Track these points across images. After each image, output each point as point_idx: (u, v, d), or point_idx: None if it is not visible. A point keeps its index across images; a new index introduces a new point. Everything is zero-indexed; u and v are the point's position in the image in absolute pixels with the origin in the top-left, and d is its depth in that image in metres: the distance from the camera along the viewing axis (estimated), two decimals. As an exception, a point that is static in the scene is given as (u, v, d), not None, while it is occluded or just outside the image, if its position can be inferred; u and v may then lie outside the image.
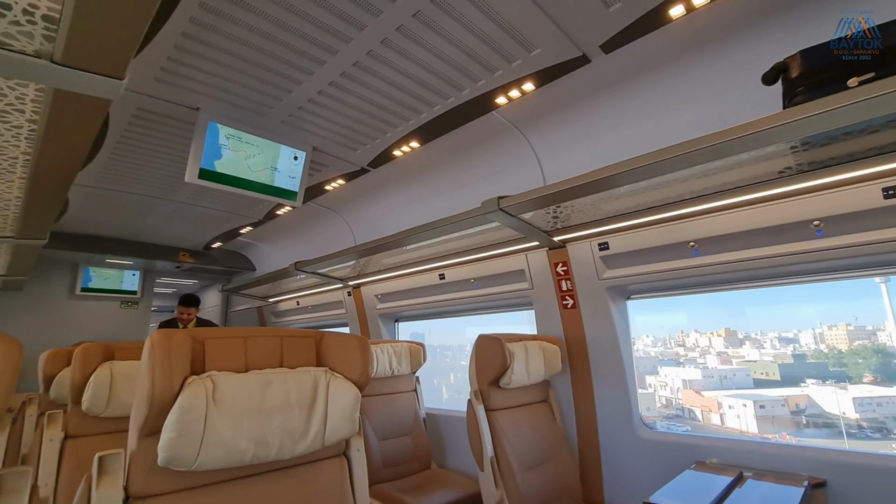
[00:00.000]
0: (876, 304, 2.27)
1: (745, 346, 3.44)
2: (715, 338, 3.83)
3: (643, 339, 3.99)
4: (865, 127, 1.52)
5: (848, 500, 1.81)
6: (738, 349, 3.33)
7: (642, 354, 3.54)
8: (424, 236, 2.71)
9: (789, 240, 1.99)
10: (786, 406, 2.68)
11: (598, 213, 2.34)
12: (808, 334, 3.25)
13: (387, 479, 2.92)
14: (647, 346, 3.90)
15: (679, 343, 4.00)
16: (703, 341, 3.87)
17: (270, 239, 4.93)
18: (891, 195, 1.73)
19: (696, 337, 3.94)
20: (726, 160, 1.70)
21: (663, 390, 3.33)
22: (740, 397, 2.84)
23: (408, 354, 3.31)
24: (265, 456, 1.17)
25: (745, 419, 2.76)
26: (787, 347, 3.16)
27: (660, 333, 4.14)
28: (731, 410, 2.88)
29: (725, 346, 3.64)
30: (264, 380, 1.21)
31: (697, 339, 3.91)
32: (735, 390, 2.94)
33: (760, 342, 3.28)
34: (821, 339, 3.21)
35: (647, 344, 4.00)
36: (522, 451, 2.28)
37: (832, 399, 2.51)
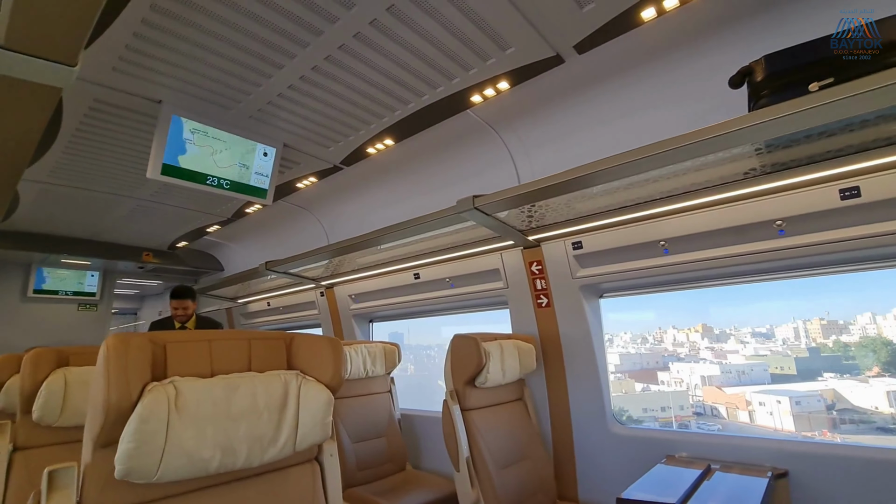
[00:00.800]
0: (842, 299, 2.35)
1: (730, 341, 3.47)
2: (692, 333, 3.93)
3: (622, 336, 4.05)
4: (824, 131, 1.59)
5: (808, 487, 1.89)
6: (722, 344, 3.35)
7: (645, 351, 3.55)
8: (399, 235, 2.67)
9: (753, 239, 2.06)
10: (822, 401, 2.50)
11: (571, 212, 2.36)
12: (785, 329, 3.30)
13: (361, 481, 2.88)
14: (626, 342, 3.94)
15: (658, 340, 4.09)
16: (680, 337, 3.96)
17: (240, 238, 4.78)
18: (847, 196, 1.80)
19: (674, 333, 4.03)
20: (695, 161, 1.74)
21: (679, 387, 3.25)
22: (772, 393, 2.66)
23: (382, 355, 3.26)
24: (232, 464, 1.12)
25: (778, 416, 2.58)
26: (767, 343, 3.20)
27: (636, 330, 4.20)
28: (761, 407, 2.72)
29: (712, 342, 3.70)
30: (231, 384, 1.15)
31: (675, 336, 4.00)
32: (759, 386, 2.79)
33: (739, 337, 3.33)
34: (802, 333, 3.25)
35: (626, 341, 4.05)
36: (498, 450, 2.28)
37: (857, 393, 2.36)
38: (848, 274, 2.08)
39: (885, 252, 1.86)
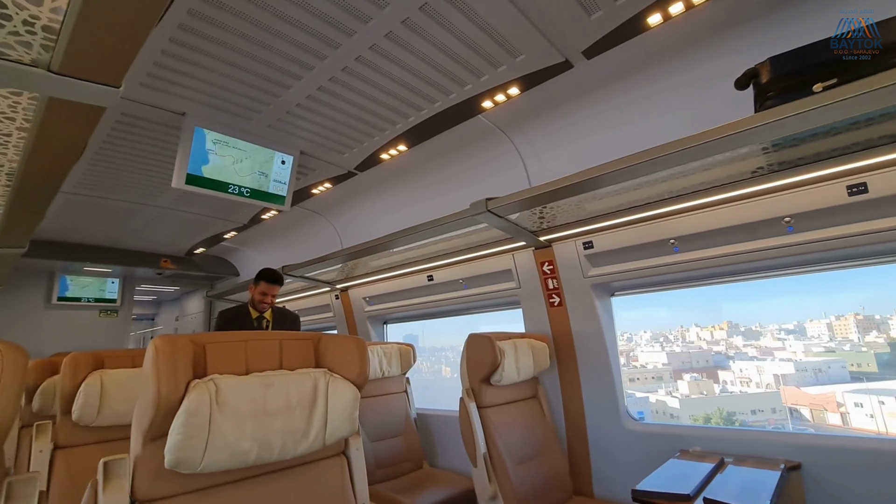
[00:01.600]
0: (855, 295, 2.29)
1: (764, 338, 3.34)
2: (717, 331, 3.90)
3: (642, 335, 4.03)
4: (829, 129, 1.63)
5: (822, 479, 1.92)
6: (759, 342, 3.21)
7: (694, 349, 3.45)
8: (412, 238, 2.74)
9: (762, 236, 2.09)
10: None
11: (582, 213, 2.42)
12: (816, 325, 3.16)
13: (380, 479, 2.95)
14: (669, 341, 3.89)
15: (677, 337, 4.08)
16: (704, 335, 3.95)
17: (255, 244, 4.89)
18: (854, 192, 1.84)
19: (697, 331, 4.01)
20: (703, 161, 1.78)
21: (747, 387, 3.02)
22: (872, 392, 2.40)
23: (398, 356, 3.34)
24: (268, 457, 1.19)
25: (881, 418, 2.35)
26: (803, 339, 3.07)
27: (656, 328, 4.19)
28: (858, 409, 2.48)
29: (748, 340, 3.61)
30: (266, 382, 1.23)
31: (699, 333, 3.98)
32: (845, 385, 2.55)
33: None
34: (831, 329, 3.11)
35: (647, 339, 4.02)
36: (514, 446, 2.33)
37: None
38: (861, 269, 2.10)
39: (893, 247, 1.89)
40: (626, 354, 3.90)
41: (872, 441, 1.90)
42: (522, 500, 2.18)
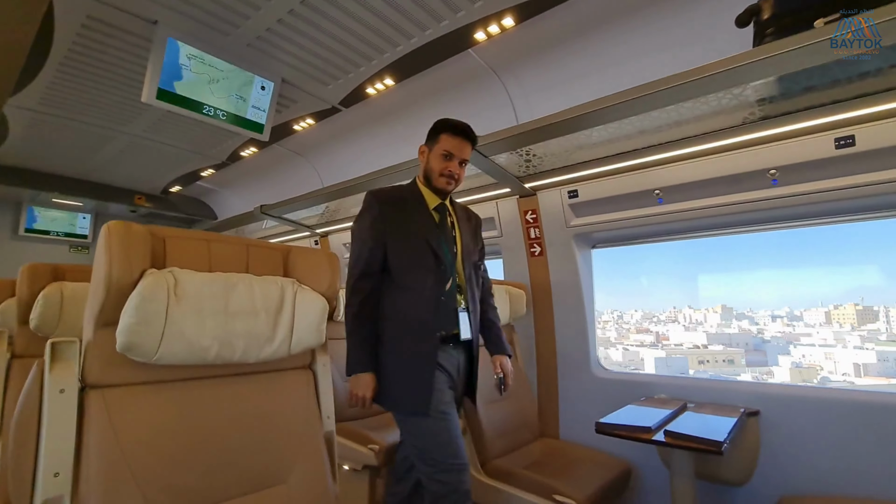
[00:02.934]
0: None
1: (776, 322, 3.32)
2: (710, 314, 3.94)
3: (632, 314, 4.06)
4: (821, 83, 1.60)
5: (777, 423, 1.99)
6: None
7: (731, 331, 3.36)
8: (394, 178, 2.67)
9: (747, 188, 2.09)
10: None
11: (568, 159, 2.37)
12: (815, 313, 3.14)
13: (351, 418, 2.97)
14: (637, 320, 3.91)
15: (672, 319, 4.12)
16: (698, 317, 3.99)
17: (233, 185, 4.74)
18: (842, 145, 1.83)
19: (690, 313, 4.05)
20: (696, 103, 1.75)
21: (842, 376, 2.75)
22: None
23: (375, 300, 3.31)
24: (229, 356, 1.16)
25: None
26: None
27: (647, 308, 4.22)
28: None
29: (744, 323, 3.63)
30: (229, 282, 1.18)
31: (692, 315, 4.02)
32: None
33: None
34: (828, 318, 3.12)
35: (638, 318, 4.04)
36: (484, 386, 2.34)
37: None
38: (840, 226, 2.12)
39: (878, 202, 1.90)
40: (655, 334, 3.93)
41: (823, 391, 1.98)
42: (489, 437, 2.22)
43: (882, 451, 1.78)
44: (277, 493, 1.20)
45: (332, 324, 3.18)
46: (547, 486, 1.88)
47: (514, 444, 2.37)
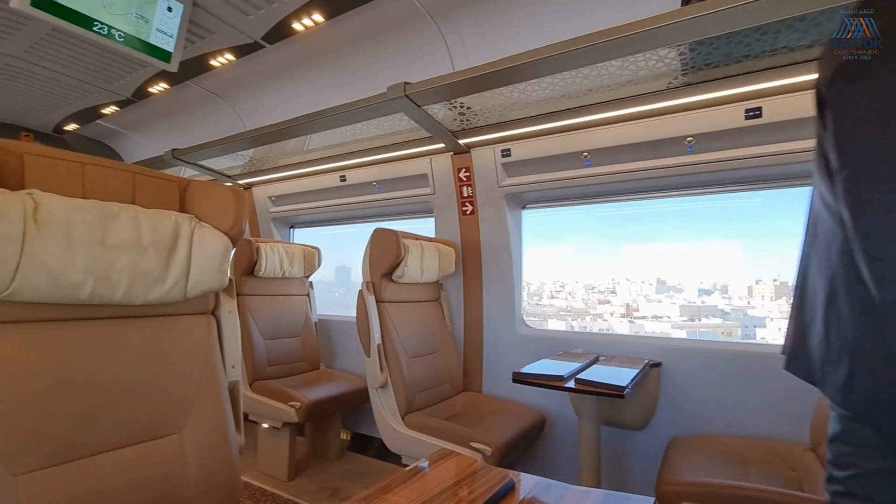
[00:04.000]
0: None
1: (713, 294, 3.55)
2: (646, 286, 4.12)
3: (574, 284, 4.15)
4: (742, 53, 1.67)
5: (675, 372, 2.18)
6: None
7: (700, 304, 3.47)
8: (324, 124, 2.51)
9: (666, 154, 2.18)
10: None
11: (502, 116, 2.34)
12: (740, 288, 3.44)
13: (272, 376, 2.87)
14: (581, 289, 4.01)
15: (612, 291, 4.26)
16: (634, 288, 4.16)
17: (142, 127, 4.24)
18: (750, 116, 1.94)
19: (629, 285, 4.21)
20: (625, 62, 1.76)
21: None
22: None
23: (301, 257, 3.17)
24: (109, 296, 1.03)
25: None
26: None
27: (586, 279, 4.36)
28: None
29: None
30: (109, 211, 1.03)
31: (630, 288, 4.18)
32: None
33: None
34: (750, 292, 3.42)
35: (581, 288, 4.15)
36: (409, 341, 2.35)
37: None
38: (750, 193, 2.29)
39: (783, 171, 2.05)
40: (625, 305, 4.01)
41: (715, 343, 2.21)
42: (411, 390, 2.23)
43: (758, 396, 2.00)
44: (169, 443, 1.11)
45: (253, 279, 3.02)
46: (464, 434, 1.92)
47: (436, 397, 2.40)
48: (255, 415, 2.69)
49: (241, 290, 2.89)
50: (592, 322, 3.60)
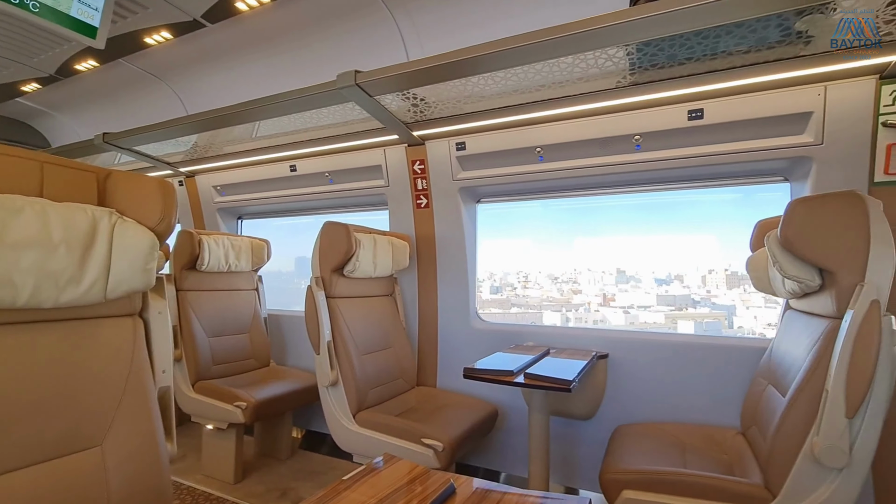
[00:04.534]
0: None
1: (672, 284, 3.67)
2: (606, 276, 4.21)
3: (537, 274, 4.18)
4: (685, 56, 1.72)
5: (621, 363, 2.26)
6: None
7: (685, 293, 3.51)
8: (272, 110, 2.39)
9: (615, 151, 2.23)
10: None
11: (457, 108, 2.32)
12: (694, 277, 3.60)
13: (217, 375, 2.74)
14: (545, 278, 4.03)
15: (575, 281, 4.33)
16: (595, 278, 4.24)
17: (71, 108, 3.90)
18: (693, 117, 2.02)
19: (590, 275, 4.29)
20: (575, 59, 1.77)
21: None
22: None
23: (249, 250, 3.03)
24: (11, 300, 0.92)
25: None
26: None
27: (548, 270, 4.42)
28: None
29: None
30: (11, 205, 0.93)
31: (591, 278, 4.26)
32: None
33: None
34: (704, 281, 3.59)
35: (545, 277, 4.19)
36: (361, 337, 2.30)
37: None
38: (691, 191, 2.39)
39: (723, 171, 2.15)
40: (602, 295, 4.05)
41: (658, 335, 2.29)
42: (363, 387, 2.19)
43: (696, 384, 2.11)
44: (87, 457, 1.02)
45: (196, 273, 2.87)
46: (416, 431, 1.91)
47: (389, 393, 2.38)
48: (198, 416, 2.56)
49: (182, 285, 2.73)
50: (586, 314, 3.69)
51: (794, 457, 1.31)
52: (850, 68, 1.73)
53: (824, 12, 1.45)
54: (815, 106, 1.84)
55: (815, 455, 1.25)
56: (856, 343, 1.20)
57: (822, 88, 1.82)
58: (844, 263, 1.29)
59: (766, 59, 1.75)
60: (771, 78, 1.82)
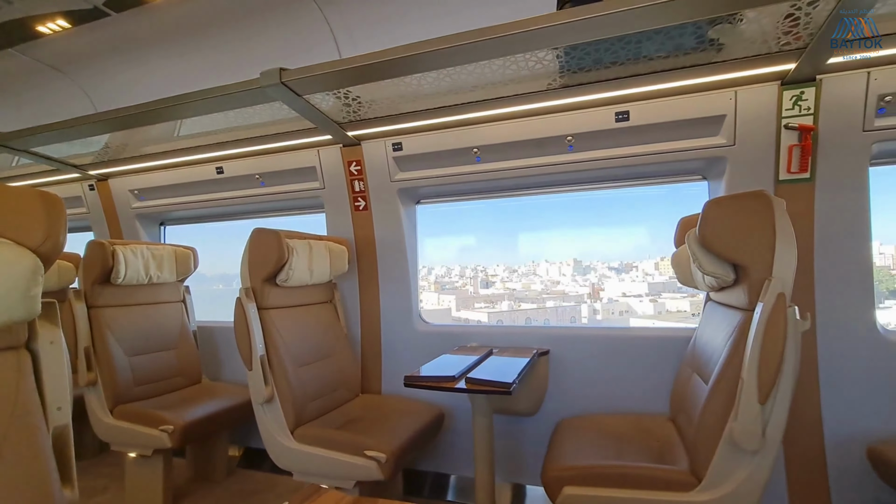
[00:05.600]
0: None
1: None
2: (564, 266, 4.28)
3: (496, 268, 4.20)
4: (611, 59, 1.77)
5: (562, 359, 2.32)
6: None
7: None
8: (193, 109, 2.21)
9: (549, 152, 2.27)
10: None
11: (392, 108, 2.26)
12: (647, 264, 3.76)
13: (141, 397, 2.52)
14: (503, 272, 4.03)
15: (532, 272, 4.36)
16: (553, 270, 4.30)
17: (-46, 103, 3.41)
18: (620, 119, 2.09)
19: (547, 266, 4.34)
20: (506, 61, 1.77)
21: None
22: None
23: (172, 260, 2.81)
24: None
25: None
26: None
27: (509, 262, 4.43)
28: None
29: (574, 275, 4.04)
30: None
31: (548, 269, 4.31)
32: None
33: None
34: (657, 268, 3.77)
35: (502, 271, 4.21)
36: (298, 349, 2.20)
37: None
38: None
39: (649, 170, 2.25)
40: (591, 286, 4.08)
41: (598, 330, 2.36)
42: (301, 401, 2.09)
43: (630, 374, 2.21)
44: (-42, 519, 0.88)
45: (111, 288, 2.62)
46: (358, 443, 1.85)
47: (331, 404, 2.29)
48: (119, 444, 2.34)
49: (94, 301, 2.47)
50: (611, 304, 3.74)
51: (716, 442, 1.38)
52: (755, 74, 1.85)
53: (732, 22, 1.54)
54: (727, 109, 1.96)
55: (733, 439, 1.33)
56: (766, 334, 1.29)
57: (733, 93, 1.94)
58: (754, 260, 1.38)
59: (684, 65, 1.84)
60: (688, 82, 1.92)
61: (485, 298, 4.25)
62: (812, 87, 1.83)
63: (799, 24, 1.55)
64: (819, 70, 1.80)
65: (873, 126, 1.81)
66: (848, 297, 1.90)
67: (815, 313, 1.93)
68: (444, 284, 4.40)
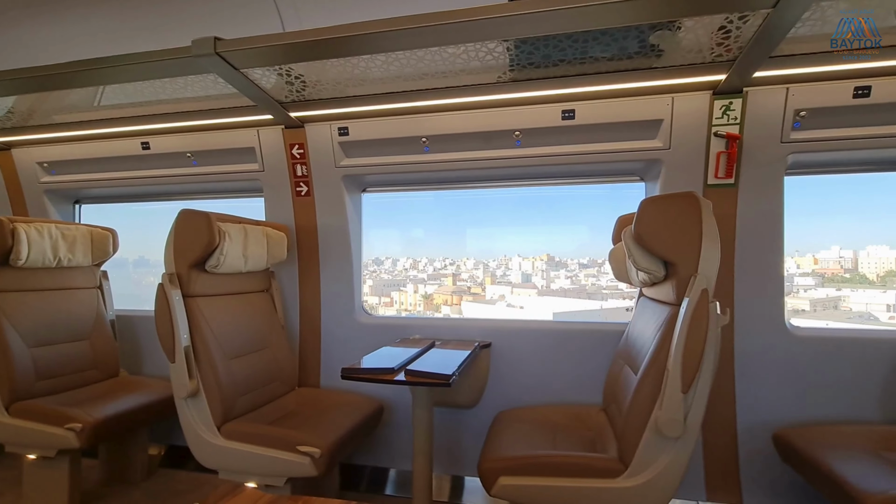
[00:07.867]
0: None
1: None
2: (538, 261, 4.27)
3: (465, 261, 4.17)
4: (559, 57, 1.79)
5: (504, 350, 2.35)
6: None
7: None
8: (114, 75, 2.01)
9: (498, 146, 2.28)
10: None
11: (339, 91, 2.17)
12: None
13: (44, 392, 2.27)
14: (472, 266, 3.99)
15: (506, 266, 4.32)
16: (526, 265, 4.28)
17: None
18: (566, 117, 2.13)
19: (520, 261, 4.32)
20: (457, 49, 1.75)
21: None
22: None
23: (87, 241, 2.55)
24: None
25: None
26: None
27: (479, 256, 4.39)
28: None
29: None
30: None
31: (521, 264, 4.29)
32: None
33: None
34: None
35: (471, 265, 4.16)
36: (228, 339, 2.07)
37: None
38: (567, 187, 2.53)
39: (592, 169, 2.31)
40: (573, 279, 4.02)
41: (537, 322, 2.41)
42: (230, 395, 1.97)
43: (566, 366, 2.27)
44: None
45: (10, 271, 2.35)
46: (290, 438, 1.77)
47: (264, 398, 2.18)
48: (14, 445, 2.10)
49: (-12, 285, 2.19)
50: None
51: (642, 430, 1.45)
52: (691, 83, 1.95)
53: (671, 29, 1.61)
54: (664, 114, 2.05)
55: (658, 427, 1.40)
56: (690, 327, 1.36)
57: (670, 99, 2.04)
58: (683, 257, 1.45)
59: (627, 68, 1.90)
60: (631, 85, 1.99)
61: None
62: (739, 98, 1.96)
63: (730, 37, 1.64)
64: (746, 82, 1.92)
65: (790, 138, 1.97)
66: (762, 294, 2.06)
67: (733, 309, 2.08)
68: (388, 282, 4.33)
